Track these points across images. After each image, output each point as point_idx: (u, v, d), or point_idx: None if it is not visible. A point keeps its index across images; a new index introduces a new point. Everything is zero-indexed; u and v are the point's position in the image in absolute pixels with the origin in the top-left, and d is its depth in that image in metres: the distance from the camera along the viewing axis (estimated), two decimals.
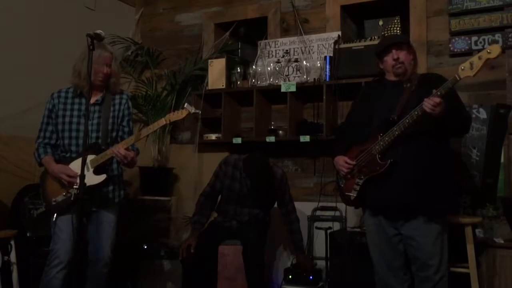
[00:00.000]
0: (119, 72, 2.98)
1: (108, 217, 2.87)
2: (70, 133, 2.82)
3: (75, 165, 2.72)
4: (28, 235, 3.39)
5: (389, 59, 2.67)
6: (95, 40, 2.20)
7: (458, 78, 2.35)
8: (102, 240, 2.83)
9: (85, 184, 2.36)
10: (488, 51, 2.30)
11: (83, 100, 2.83)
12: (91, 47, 2.18)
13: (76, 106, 2.86)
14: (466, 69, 2.33)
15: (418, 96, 2.44)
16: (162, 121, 2.76)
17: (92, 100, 2.84)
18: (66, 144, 2.83)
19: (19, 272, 3.19)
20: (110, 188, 2.88)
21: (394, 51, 2.64)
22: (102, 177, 2.75)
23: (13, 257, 3.17)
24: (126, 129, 2.95)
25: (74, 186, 2.60)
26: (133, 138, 2.78)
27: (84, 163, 2.27)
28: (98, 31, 2.22)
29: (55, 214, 2.76)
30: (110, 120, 2.86)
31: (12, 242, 3.17)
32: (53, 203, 2.77)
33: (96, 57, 2.67)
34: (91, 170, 2.75)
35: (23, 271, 3.23)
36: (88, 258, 2.85)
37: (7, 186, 3.43)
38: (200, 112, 3.92)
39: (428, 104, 2.36)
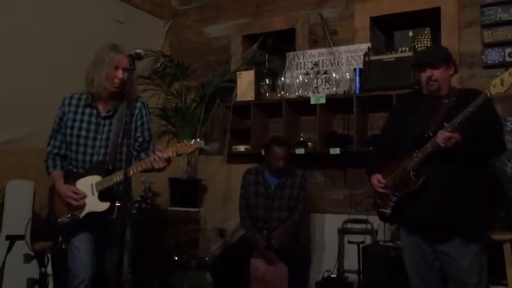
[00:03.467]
0: (136, 78, 2.69)
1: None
2: (78, 147, 2.65)
3: (82, 184, 2.59)
4: (63, 246, 3.43)
5: (423, 76, 2.64)
6: (136, 59, 2.21)
7: (489, 95, 2.34)
8: (117, 256, 2.56)
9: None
10: None
11: (94, 111, 2.66)
12: (132, 67, 2.20)
13: (86, 118, 2.67)
14: (497, 86, 2.32)
15: (456, 112, 2.41)
16: (169, 152, 2.47)
17: (103, 112, 2.66)
18: (73, 158, 2.66)
19: (54, 284, 3.24)
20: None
21: (428, 69, 2.60)
22: (106, 205, 2.54)
23: (49, 269, 3.22)
24: (140, 139, 2.71)
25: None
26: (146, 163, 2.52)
27: (125, 177, 2.25)
28: (139, 51, 2.23)
29: (61, 236, 2.69)
30: (121, 134, 2.62)
31: (49, 254, 3.22)
32: (59, 223, 2.64)
33: (108, 60, 2.55)
34: (96, 194, 2.56)
35: (58, 283, 3.27)
36: (107, 275, 2.72)
37: (43, 198, 3.49)
38: (210, 149, 3.90)
39: (441, 138, 2.37)
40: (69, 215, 2.61)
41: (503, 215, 3.15)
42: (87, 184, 2.59)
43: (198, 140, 2.50)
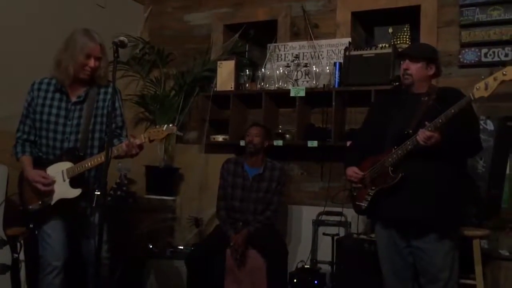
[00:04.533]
0: (108, 64, 2.65)
1: (95, 218, 2.61)
2: (48, 133, 2.62)
3: (53, 171, 2.57)
4: (36, 232, 3.38)
5: (401, 67, 2.70)
6: (119, 47, 2.18)
7: (472, 98, 2.37)
8: (93, 242, 2.57)
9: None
10: (504, 72, 2.27)
11: (64, 97, 2.63)
12: (115, 55, 2.17)
13: (55, 103, 2.63)
14: (481, 89, 2.33)
15: (436, 110, 2.46)
16: (141, 138, 2.48)
17: (73, 98, 2.62)
18: (43, 144, 2.64)
19: (27, 270, 3.19)
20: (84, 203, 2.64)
21: (407, 61, 2.65)
22: (78, 191, 2.54)
23: (21, 255, 3.17)
24: (113, 125, 2.56)
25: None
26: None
27: (108, 157, 2.20)
28: (122, 38, 2.18)
29: (32, 223, 2.67)
30: (92, 120, 2.62)
31: (22, 240, 3.17)
32: (30, 209, 2.63)
33: (80, 46, 2.50)
34: (67, 181, 2.56)
35: (31, 269, 3.23)
36: (83, 261, 2.73)
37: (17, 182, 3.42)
38: (182, 134, 3.89)
39: (421, 136, 2.41)
40: (40, 202, 2.59)
41: (474, 211, 3.25)
42: (58, 171, 2.58)
43: (170, 126, 2.48)
